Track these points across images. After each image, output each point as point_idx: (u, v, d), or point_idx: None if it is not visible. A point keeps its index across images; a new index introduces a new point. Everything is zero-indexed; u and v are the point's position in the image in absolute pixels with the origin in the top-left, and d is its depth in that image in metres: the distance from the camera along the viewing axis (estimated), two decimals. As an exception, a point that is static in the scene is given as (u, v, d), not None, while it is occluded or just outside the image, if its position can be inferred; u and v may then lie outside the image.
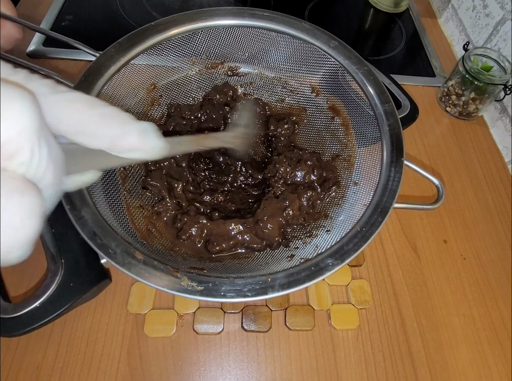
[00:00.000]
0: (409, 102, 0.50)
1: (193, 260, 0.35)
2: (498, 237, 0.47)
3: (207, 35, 0.45)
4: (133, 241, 0.32)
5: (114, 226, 0.32)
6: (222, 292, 0.29)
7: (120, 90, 0.41)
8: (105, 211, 0.33)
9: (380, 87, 0.42)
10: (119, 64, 0.39)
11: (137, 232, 0.35)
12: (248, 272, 0.32)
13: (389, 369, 0.37)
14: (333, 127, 0.46)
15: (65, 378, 0.34)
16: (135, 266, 0.29)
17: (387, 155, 0.38)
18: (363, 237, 0.33)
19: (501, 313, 0.41)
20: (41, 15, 0.60)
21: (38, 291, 0.33)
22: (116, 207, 0.36)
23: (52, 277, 0.33)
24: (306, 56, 0.46)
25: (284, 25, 0.45)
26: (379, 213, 0.34)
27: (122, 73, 0.40)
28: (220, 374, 0.36)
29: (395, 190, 0.35)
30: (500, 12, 0.56)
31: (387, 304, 0.41)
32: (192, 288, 0.29)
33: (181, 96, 0.47)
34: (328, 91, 0.47)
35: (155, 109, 0.45)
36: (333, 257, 0.32)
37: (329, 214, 0.40)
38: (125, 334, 0.36)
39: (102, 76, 0.38)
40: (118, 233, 0.31)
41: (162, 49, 0.43)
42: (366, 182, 0.39)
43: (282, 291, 0.29)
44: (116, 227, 0.32)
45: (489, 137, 0.56)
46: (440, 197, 0.38)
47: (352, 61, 0.43)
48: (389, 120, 0.40)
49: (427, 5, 0.75)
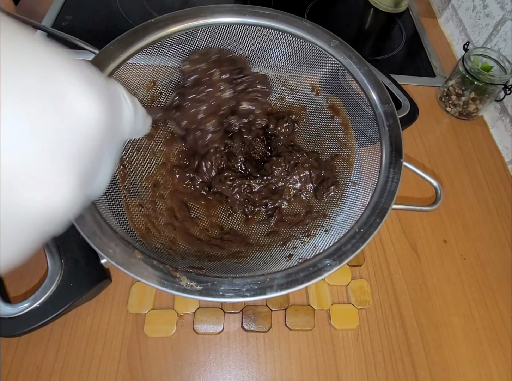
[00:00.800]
0: (409, 102, 0.50)
1: (192, 259, 0.35)
2: (498, 237, 0.47)
3: (207, 32, 0.45)
4: (132, 240, 0.33)
5: (113, 225, 0.32)
6: (221, 292, 0.29)
7: None
8: (105, 210, 0.33)
9: (380, 87, 0.42)
10: (118, 61, 0.39)
11: (136, 231, 0.35)
12: (246, 272, 0.32)
13: (389, 369, 0.37)
14: (333, 126, 0.46)
15: (65, 378, 0.34)
16: (135, 266, 0.29)
17: (386, 156, 0.38)
18: (361, 238, 0.33)
19: (501, 313, 0.41)
20: (41, 15, 0.60)
21: (38, 292, 0.33)
22: (116, 205, 0.36)
23: (51, 277, 0.33)
24: (306, 55, 0.46)
25: (285, 23, 0.45)
26: (377, 214, 0.34)
27: (121, 71, 0.40)
28: (220, 374, 0.36)
29: (394, 191, 0.35)
30: (500, 12, 0.56)
31: (387, 304, 0.41)
32: (191, 287, 0.29)
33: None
34: (328, 90, 0.47)
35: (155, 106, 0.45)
36: (331, 257, 0.32)
37: (328, 214, 0.40)
38: (125, 334, 0.36)
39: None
40: (118, 232, 0.31)
41: (162, 46, 0.43)
42: (365, 183, 0.39)
43: (281, 291, 0.30)
44: (116, 226, 0.32)
45: (489, 137, 0.56)
46: (438, 199, 0.38)
47: (352, 61, 0.43)
48: (388, 121, 0.40)
49: (427, 5, 0.75)
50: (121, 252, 0.30)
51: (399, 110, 0.41)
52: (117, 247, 0.30)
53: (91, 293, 0.35)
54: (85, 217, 0.31)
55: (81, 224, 0.30)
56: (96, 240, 0.30)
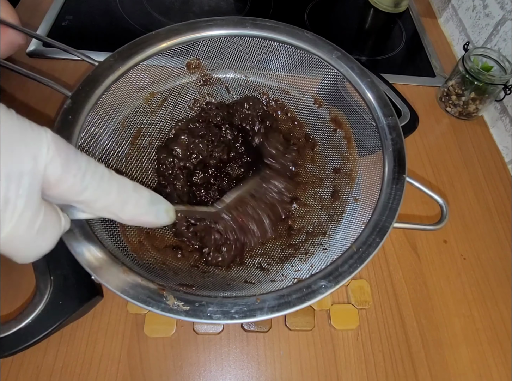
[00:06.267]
0: (409, 111, 0.49)
1: (184, 275, 0.34)
2: (498, 237, 0.47)
3: (208, 44, 0.45)
4: (122, 255, 0.31)
5: (103, 239, 0.31)
6: (208, 313, 0.28)
7: (117, 99, 0.40)
8: (95, 224, 0.32)
9: (383, 99, 0.41)
10: (117, 73, 0.39)
11: (128, 245, 0.34)
12: (238, 291, 0.31)
13: (389, 369, 0.37)
14: (335, 139, 0.45)
15: (65, 378, 0.34)
16: (121, 283, 0.28)
17: (389, 171, 0.36)
18: (359, 258, 0.31)
19: (501, 313, 0.41)
20: (41, 15, 0.60)
21: (25, 311, 0.31)
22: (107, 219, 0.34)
23: (40, 295, 0.32)
24: (308, 67, 0.45)
25: (286, 35, 0.44)
26: (377, 233, 0.33)
27: (120, 83, 0.40)
28: (220, 374, 0.36)
29: (396, 209, 0.34)
30: (500, 12, 0.56)
31: (387, 304, 0.41)
32: (178, 307, 0.28)
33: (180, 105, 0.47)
34: (331, 102, 0.46)
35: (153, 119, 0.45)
36: (326, 279, 0.30)
37: (327, 232, 0.39)
38: (125, 334, 0.36)
39: (100, 86, 0.38)
40: (107, 247, 0.30)
41: (162, 58, 0.43)
42: (366, 199, 0.38)
43: (271, 314, 0.28)
44: (106, 240, 0.31)
45: (489, 137, 0.56)
46: (444, 217, 0.36)
47: (355, 72, 0.42)
48: (391, 134, 0.38)
49: (427, 5, 0.75)
50: (109, 269, 0.29)
51: (399, 119, 0.40)
52: (105, 263, 0.29)
53: (82, 311, 0.34)
54: (74, 231, 0.29)
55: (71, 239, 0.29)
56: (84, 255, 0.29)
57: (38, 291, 0.33)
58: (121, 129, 0.41)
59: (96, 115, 0.38)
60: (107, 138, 0.39)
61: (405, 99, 0.51)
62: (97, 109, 0.38)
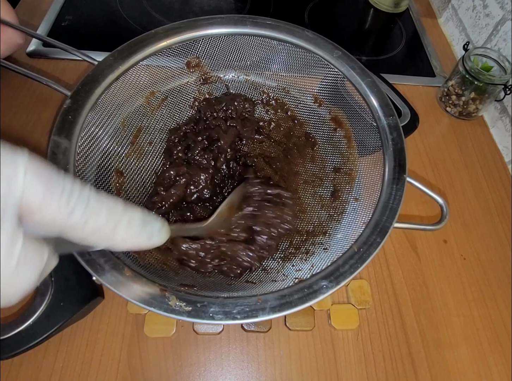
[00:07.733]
0: (409, 111, 0.49)
1: (185, 275, 0.34)
2: (498, 237, 0.47)
3: (208, 43, 0.44)
4: (123, 256, 0.31)
5: None
6: (210, 313, 0.28)
7: (117, 98, 0.40)
8: None
9: (384, 99, 0.41)
10: (117, 72, 0.39)
11: None
12: (240, 291, 0.31)
13: (389, 369, 0.37)
14: (336, 139, 0.45)
15: (65, 378, 0.34)
16: (123, 283, 0.28)
17: (389, 171, 0.36)
18: (360, 258, 0.31)
19: (501, 313, 0.41)
20: (41, 15, 0.60)
21: (26, 312, 0.31)
22: None
23: (41, 296, 0.32)
24: (309, 66, 0.45)
25: (286, 33, 0.44)
26: (378, 233, 0.33)
27: (120, 82, 0.40)
28: (220, 374, 0.36)
29: (396, 209, 0.34)
30: (500, 12, 0.56)
31: (387, 304, 0.41)
32: (180, 308, 0.28)
33: (180, 104, 0.47)
34: (331, 101, 0.46)
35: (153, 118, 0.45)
36: (327, 279, 0.31)
37: (328, 231, 0.39)
38: (125, 334, 0.36)
39: (100, 85, 0.38)
40: None
41: (162, 57, 0.43)
42: (366, 199, 0.38)
43: (273, 314, 0.29)
44: None
45: (489, 137, 0.56)
46: (444, 218, 0.36)
47: (355, 72, 0.42)
48: (392, 134, 0.38)
49: (427, 5, 0.75)
50: (110, 270, 0.29)
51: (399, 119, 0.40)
52: (107, 264, 0.29)
53: (83, 312, 0.34)
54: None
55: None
56: (85, 256, 0.29)
57: (38, 293, 0.32)
58: (121, 129, 0.41)
59: (96, 114, 0.38)
60: (107, 138, 0.39)
61: (405, 99, 0.51)
62: (97, 108, 0.38)
